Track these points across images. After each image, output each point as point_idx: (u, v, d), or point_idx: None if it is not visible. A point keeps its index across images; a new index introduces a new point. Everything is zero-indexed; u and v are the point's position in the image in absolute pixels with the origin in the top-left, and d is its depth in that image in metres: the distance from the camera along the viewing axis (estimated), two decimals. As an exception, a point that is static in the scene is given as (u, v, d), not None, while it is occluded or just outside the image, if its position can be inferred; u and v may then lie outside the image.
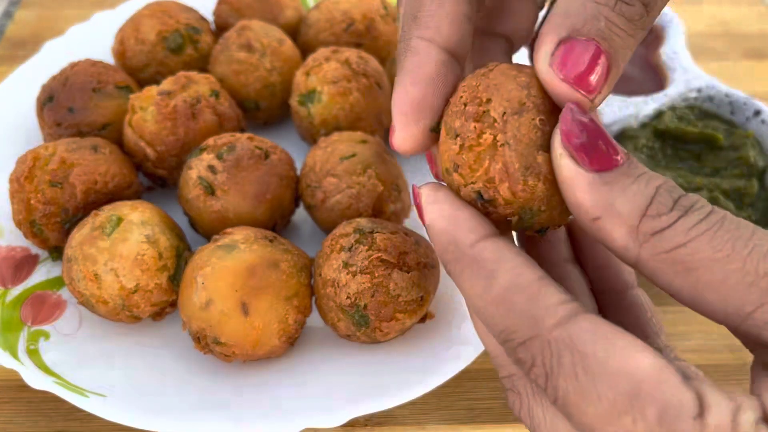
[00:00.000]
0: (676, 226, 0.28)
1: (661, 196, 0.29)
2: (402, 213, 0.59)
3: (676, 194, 0.29)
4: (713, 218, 0.28)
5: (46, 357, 0.53)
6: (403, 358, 0.52)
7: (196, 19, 0.74)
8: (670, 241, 0.28)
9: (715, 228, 0.28)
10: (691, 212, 0.28)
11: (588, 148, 0.30)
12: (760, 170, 0.66)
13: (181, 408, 0.50)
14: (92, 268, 0.51)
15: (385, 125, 0.67)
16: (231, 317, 0.48)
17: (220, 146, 0.57)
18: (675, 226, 0.28)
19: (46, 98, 0.64)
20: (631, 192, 0.29)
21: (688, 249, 0.28)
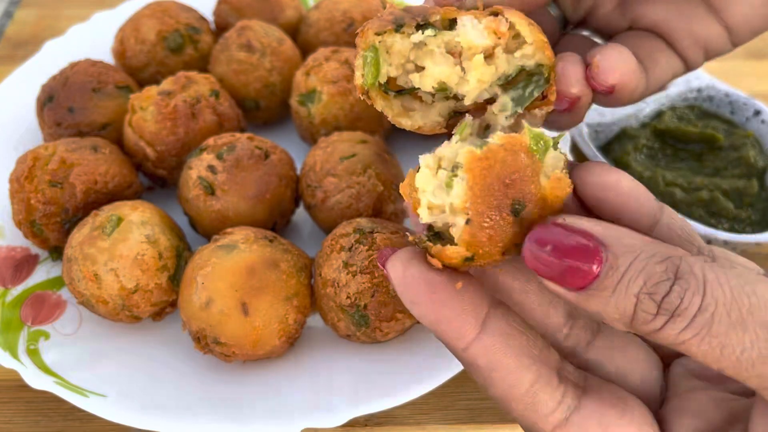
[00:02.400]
0: (664, 332, 0.29)
1: (643, 304, 0.29)
2: (402, 213, 0.59)
3: (659, 296, 0.29)
4: (699, 322, 0.29)
5: (46, 357, 0.53)
6: (403, 358, 0.52)
7: (196, 19, 0.74)
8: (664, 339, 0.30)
9: (703, 333, 0.29)
10: (676, 317, 0.29)
11: (559, 276, 0.30)
12: (760, 170, 0.66)
13: (181, 408, 0.50)
14: (92, 268, 0.51)
15: (385, 125, 0.67)
16: (231, 317, 0.48)
17: (220, 146, 0.57)
18: (663, 331, 0.29)
19: (46, 98, 0.64)
20: (613, 305, 0.30)
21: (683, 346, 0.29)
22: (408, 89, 0.37)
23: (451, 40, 0.35)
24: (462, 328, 0.34)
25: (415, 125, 0.38)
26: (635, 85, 0.39)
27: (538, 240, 0.31)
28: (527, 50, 0.35)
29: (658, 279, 0.29)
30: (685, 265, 0.30)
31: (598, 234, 0.30)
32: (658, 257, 0.30)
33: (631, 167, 0.66)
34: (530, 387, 0.33)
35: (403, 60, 0.36)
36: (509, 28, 0.35)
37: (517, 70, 0.35)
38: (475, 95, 0.36)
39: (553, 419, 0.33)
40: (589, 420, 0.33)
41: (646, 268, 0.30)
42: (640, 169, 0.66)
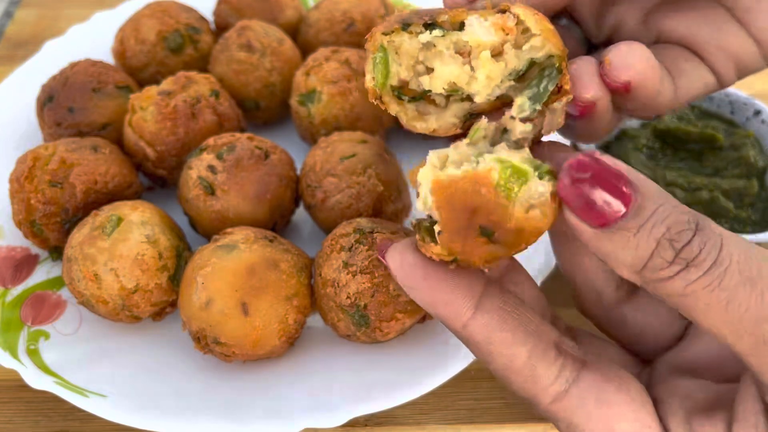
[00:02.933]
0: (675, 280, 0.30)
1: (663, 249, 0.30)
2: (402, 213, 0.59)
3: (680, 243, 0.29)
4: (713, 274, 0.29)
5: (46, 357, 0.53)
6: (403, 358, 0.52)
7: (196, 19, 0.74)
8: (670, 289, 0.30)
9: (714, 284, 0.29)
10: (691, 266, 0.29)
11: (585, 210, 0.30)
12: (760, 170, 0.66)
13: (181, 408, 0.50)
14: (92, 268, 0.51)
15: (385, 125, 0.67)
16: (231, 317, 0.48)
17: (220, 146, 0.57)
18: (674, 279, 0.30)
19: (46, 98, 0.64)
20: (632, 246, 0.30)
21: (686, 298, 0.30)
22: (421, 94, 0.37)
23: (459, 40, 0.35)
24: (457, 309, 0.35)
25: (429, 128, 0.38)
26: (655, 85, 0.37)
27: (577, 165, 0.30)
28: (535, 42, 0.35)
29: (682, 227, 0.30)
30: (705, 221, 0.30)
31: (630, 175, 0.31)
32: (683, 208, 0.30)
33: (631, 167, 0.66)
34: (527, 360, 0.34)
35: (413, 61, 0.36)
36: (517, 24, 0.35)
37: (527, 64, 0.35)
38: (486, 93, 0.36)
39: (552, 390, 0.34)
40: (588, 392, 0.34)
41: (671, 215, 0.30)
42: (640, 169, 0.66)
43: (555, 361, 0.35)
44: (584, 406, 0.34)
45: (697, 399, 0.35)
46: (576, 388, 0.34)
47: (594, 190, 0.30)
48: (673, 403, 0.35)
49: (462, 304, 0.35)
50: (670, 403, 0.35)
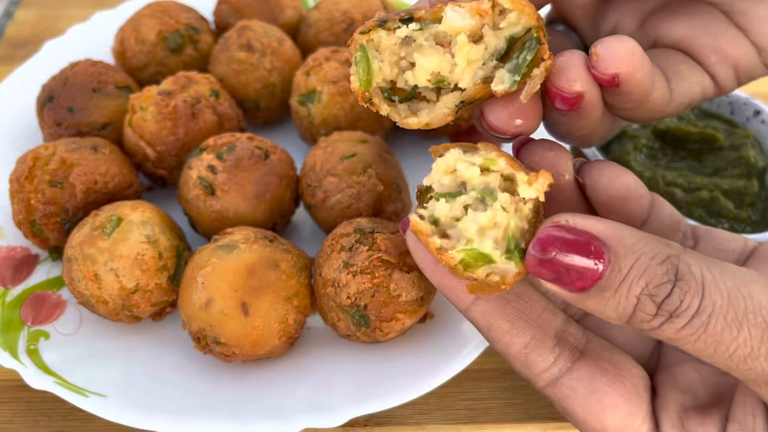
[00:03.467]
0: (661, 330, 0.31)
1: (643, 305, 0.30)
2: (402, 212, 0.59)
3: (660, 297, 0.30)
4: (696, 323, 0.30)
5: (46, 357, 0.53)
6: (403, 358, 0.52)
7: (196, 19, 0.74)
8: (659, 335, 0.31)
9: (699, 332, 0.30)
10: (674, 317, 0.30)
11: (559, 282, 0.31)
12: (760, 170, 0.66)
13: (180, 408, 0.50)
14: (92, 268, 0.51)
15: (385, 125, 0.67)
16: (231, 317, 0.48)
17: (220, 146, 0.57)
18: (660, 329, 0.31)
19: (46, 98, 0.64)
20: (612, 305, 0.31)
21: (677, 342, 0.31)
22: (412, 93, 0.38)
23: (438, 31, 0.36)
24: (461, 295, 0.37)
25: (422, 122, 0.38)
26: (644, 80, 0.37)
27: (542, 245, 0.31)
28: (511, 17, 0.35)
29: (660, 281, 0.30)
30: (684, 266, 0.30)
31: (600, 235, 0.31)
32: (659, 258, 0.30)
33: (631, 167, 0.66)
34: (523, 348, 0.36)
35: (395, 57, 0.37)
36: (493, 6, 0.35)
37: (507, 42, 0.35)
38: (470, 77, 0.36)
39: (545, 377, 0.36)
40: (578, 382, 0.36)
41: (648, 270, 0.30)
42: (640, 169, 0.66)
43: (551, 350, 0.36)
44: (575, 396, 0.35)
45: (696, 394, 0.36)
46: (567, 378, 0.36)
47: (565, 259, 0.30)
48: (670, 397, 0.36)
49: (465, 290, 0.37)
50: (667, 397, 0.36)
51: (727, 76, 0.44)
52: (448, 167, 0.35)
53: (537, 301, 0.37)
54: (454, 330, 0.54)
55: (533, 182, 0.33)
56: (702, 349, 0.30)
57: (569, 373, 0.36)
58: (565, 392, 0.36)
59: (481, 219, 0.33)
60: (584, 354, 0.37)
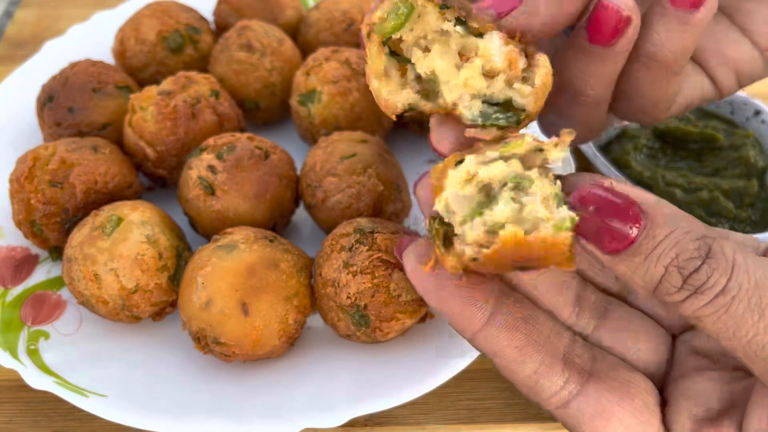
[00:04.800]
0: (684, 305, 0.31)
1: (670, 276, 0.30)
2: (402, 212, 0.59)
3: (687, 271, 0.30)
4: (719, 302, 0.30)
5: (46, 357, 0.53)
6: (403, 358, 0.52)
7: (196, 19, 0.74)
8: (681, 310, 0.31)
9: (720, 312, 0.30)
10: (699, 293, 0.30)
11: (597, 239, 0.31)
12: (760, 170, 0.66)
13: (180, 408, 0.50)
14: (92, 268, 0.51)
15: (385, 125, 0.67)
16: (231, 317, 0.48)
17: (220, 146, 0.57)
18: (683, 304, 0.31)
19: (46, 98, 0.64)
20: (641, 271, 0.31)
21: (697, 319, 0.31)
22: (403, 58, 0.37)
23: (470, 44, 0.36)
24: (466, 321, 0.36)
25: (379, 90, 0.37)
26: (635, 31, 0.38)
27: (582, 199, 0.31)
28: (525, 91, 0.35)
29: (690, 255, 0.30)
30: (718, 246, 0.30)
31: (640, 200, 0.31)
32: (694, 234, 0.31)
33: (631, 167, 0.66)
34: (532, 374, 0.36)
35: (423, 34, 0.36)
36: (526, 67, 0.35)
37: (503, 100, 0.36)
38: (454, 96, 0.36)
39: (554, 401, 0.36)
40: (586, 404, 0.35)
41: (681, 242, 0.30)
42: (640, 169, 0.66)
43: (560, 374, 0.36)
44: (585, 417, 0.35)
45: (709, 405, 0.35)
46: (577, 402, 0.35)
47: (605, 219, 0.31)
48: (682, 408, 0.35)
49: (472, 316, 0.36)
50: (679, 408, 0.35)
51: (727, 79, 0.44)
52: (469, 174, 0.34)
53: (543, 324, 0.37)
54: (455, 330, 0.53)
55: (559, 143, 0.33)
56: (721, 330, 0.30)
57: (579, 396, 0.36)
58: (575, 414, 0.35)
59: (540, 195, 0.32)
60: (593, 374, 0.36)
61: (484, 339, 0.36)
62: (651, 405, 0.36)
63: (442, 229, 0.34)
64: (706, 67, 0.44)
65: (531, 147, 0.34)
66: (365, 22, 0.36)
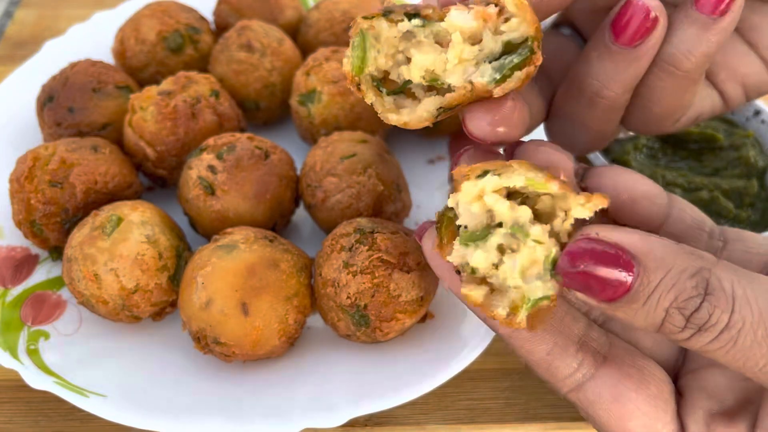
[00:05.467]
0: (690, 342, 0.30)
1: (672, 317, 0.30)
2: (402, 212, 0.59)
3: (689, 311, 0.30)
4: (725, 337, 0.29)
5: (46, 357, 0.53)
6: (403, 358, 0.52)
7: (196, 19, 0.74)
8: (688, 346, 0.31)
9: (728, 346, 0.30)
10: (703, 331, 0.30)
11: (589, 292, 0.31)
12: (760, 170, 0.66)
13: (180, 408, 0.50)
14: (92, 268, 0.51)
15: (386, 125, 0.67)
16: (231, 317, 0.48)
17: (220, 146, 0.57)
18: (690, 341, 0.30)
19: (46, 98, 0.64)
20: (641, 316, 0.31)
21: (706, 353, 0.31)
22: (401, 88, 0.38)
23: (440, 30, 0.36)
24: None
25: (401, 120, 0.38)
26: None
27: (571, 257, 0.31)
28: (512, 23, 0.35)
29: (689, 295, 0.30)
30: (715, 280, 0.30)
31: (630, 247, 0.30)
32: (690, 271, 0.30)
33: (631, 167, 0.66)
34: (546, 355, 0.36)
35: (393, 50, 0.37)
36: (499, 13, 0.35)
37: (503, 46, 0.36)
38: (460, 75, 0.36)
39: (568, 383, 0.36)
40: (602, 387, 0.35)
41: (677, 284, 0.30)
42: (640, 169, 0.66)
43: (574, 356, 0.36)
44: (599, 401, 0.35)
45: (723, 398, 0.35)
46: (592, 384, 0.35)
47: (595, 271, 0.30)
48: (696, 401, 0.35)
49: None
50: (693, 401, 0.35)
51: (735, 92, 0.44)
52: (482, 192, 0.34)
53: (558, 306, 0.37)
54: (454, 330, 0.54)
55: (587, 203, 0.32)
56: (731, 362, 0.30)
57: (593, 379, 0.36)
58: (590, 398, 0.35)
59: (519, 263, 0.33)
60: (608, 359, 0.36)
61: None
62: (666, 393, 0.35)
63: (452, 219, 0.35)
64: (715, 80, 0.44)
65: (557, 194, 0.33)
66: (348, 81, 0.37)
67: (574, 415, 0.54)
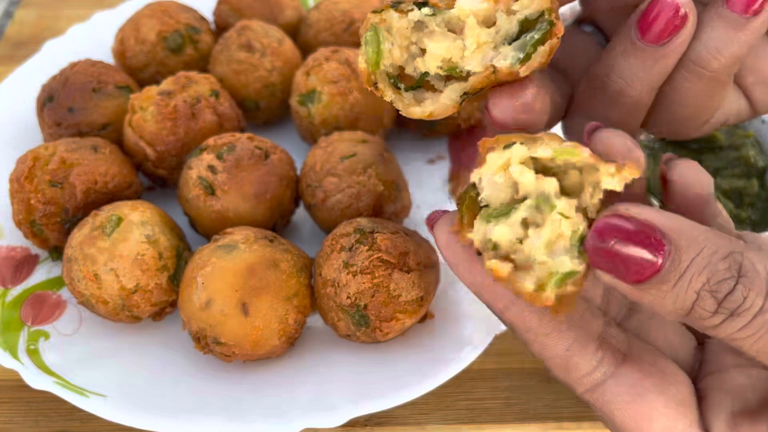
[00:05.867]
0: (720, 328, 0.29)
1: (703, 301, 0.29)
2: (402, 212, 0.59)
3: (721, 294, 0.28)
4: (758, 322, 0.28)
5: (46, 357, 0.53)
6: (403, 358, 0.52)
7: (196, 19, 0.74)
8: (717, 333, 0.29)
9: (761, 333, 0.28)
10: (735, 316, 0.28)
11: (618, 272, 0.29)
12: (760, 170, 0.66)
13: (180, 408, 0.50)
14: (92, 268, 0.51)
15: (385, 125, 0.67)
16: (231, 317, 0.48)
17: (220, 146, 0.57)
18: (720, 327, 0.29)
19: (46, 98, 0.64)
20: (670, 299, 0.29)
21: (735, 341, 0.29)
22: (419, 82, 0.37)
23: (451, 17, 0.35)
24: (498, 293, 0.35)
25: (425, 112, 0.37)
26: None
27: (600, 234, 0.29)
28: (524, 0, 0.34)
29: (722, 277, 0.29)
30: (748, 263, 0.29)
31: (661, 225, 0.29)
32: (722, 253, 0.29)
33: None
34: (565, 351, 0.34)
35: (406, 42, 0.36)
36: None
37: (520, 25, 0.35)
38: (479, 61, 0.35)
39: (586, 381, 0.34)
40: (622, 387, 0.34)
41: (710, 265, 0.29)
42: (640, 169, 0.66)
43: (594, 353, 0.34)
44: (618, 401, 0.34)
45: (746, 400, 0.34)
46: (612, 382, 0.34)
47: (625, 249, 0.29)
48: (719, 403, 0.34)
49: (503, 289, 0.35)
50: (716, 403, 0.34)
51: (763, 97, 0.43)
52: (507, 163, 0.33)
53: (578, 303, 0.36)
54: (454, 330, 0.54)
55: (618, 173, 0.31)
56: (761, 350, 0.29)
57: (613, 378, 0.34)
58: (608, 397, 0.34)
59: (545, 236, 0.31)
60: (627, 358, 0.35)
61: (518, 312, 0.35)
62: (687, 393, 0.34)
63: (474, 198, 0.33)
64: (743, 84, 0.42)
65: (586, 162, 0.32)
66: (364, 81, 0.37)
67: (574, 415, 0.54)
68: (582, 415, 0.54)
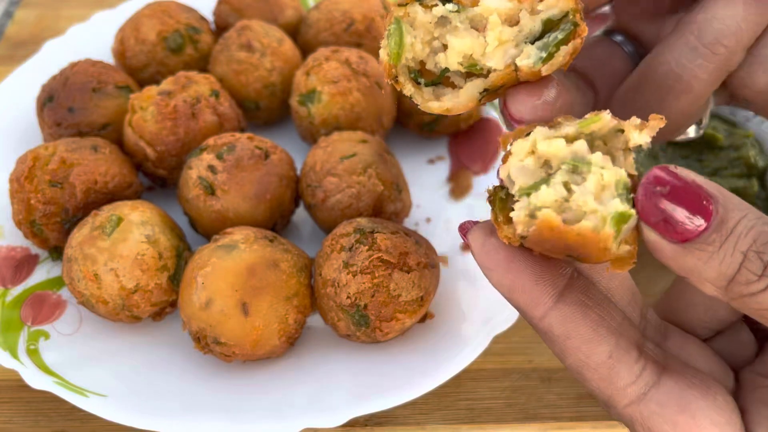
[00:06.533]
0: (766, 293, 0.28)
1: (750, 263, 0.28)
2: (402, 212, 0.59)
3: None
4: None
5: (46, 357, 0.53)
6: (403, 358, 0.52)
7: (196, 19, 0.74)
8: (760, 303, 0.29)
9: None
10: None
11: (665, 225, 0.29)
12: (760, 170, 0.66)
13: (180, 408, 0.50)
14: (92, 268, 0.51)
15: (385, 125, 0.67)
16: (231, 317, 0.48)
17: (220, 146, 0.57)
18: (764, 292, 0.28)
19: (46, 98, 0.64)
20: (716, 260, 0.28)
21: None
22: (439, 78, 0.37)
23: (475, 15, 0.35)
24: (539, 297, 0.33)
25: (443, 107, 0.37)
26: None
27: (656, 179, 0.29)
28: (548, 0, 0.34)
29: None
30: None
31: (708, 187, 0.29)
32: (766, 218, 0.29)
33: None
34: (607, 358, 0.33)
35: (429, 36, 0.36)
36: None
37: (543, 24, 0.35)
38: (500, 58, 0.35)
39: (630, 392, 0.33)
40: (669, 397, 0.32)
41: (756, 226, 0.28)
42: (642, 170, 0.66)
43: (636, 362, 0.33)
44: (664, 412, 0.32)
45: None
46: (656, 392, 0.32)
47: (673, 204, 0.28)
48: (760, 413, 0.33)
49: (543, 292, 0.33)
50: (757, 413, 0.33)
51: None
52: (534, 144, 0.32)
53: (616, 311, 0.35)
54: (454, 330, 0.54)
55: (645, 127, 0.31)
56: None
57: (657, 388, 0.32)
58: (653, 409, 0.32)
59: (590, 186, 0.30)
60: (668, 368, 0.33)
61: (558, 317, 0.33)
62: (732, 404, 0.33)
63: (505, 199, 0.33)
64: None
65: (609, 126, 0.32)
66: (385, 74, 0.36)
67: (574, 415, 0.54)
68: (582, 415, 0.54)
